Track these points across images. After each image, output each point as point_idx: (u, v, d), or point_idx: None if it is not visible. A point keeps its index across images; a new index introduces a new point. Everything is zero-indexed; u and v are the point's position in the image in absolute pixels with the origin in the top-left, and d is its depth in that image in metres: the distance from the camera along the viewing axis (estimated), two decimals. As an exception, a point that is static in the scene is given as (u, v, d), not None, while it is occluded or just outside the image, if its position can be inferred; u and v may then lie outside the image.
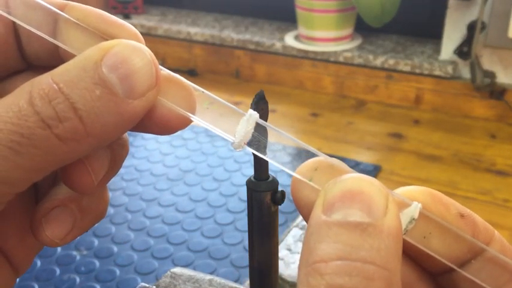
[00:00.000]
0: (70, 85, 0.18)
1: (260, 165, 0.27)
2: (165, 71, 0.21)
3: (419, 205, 0.18)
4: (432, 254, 0.18)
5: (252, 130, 0.20)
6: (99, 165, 0.21)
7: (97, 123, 0.18)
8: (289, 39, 1.82)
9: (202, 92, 0.21)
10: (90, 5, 0.21)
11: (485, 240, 0.19)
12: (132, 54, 0.19)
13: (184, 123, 0.21)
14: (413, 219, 0.18)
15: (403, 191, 0.19)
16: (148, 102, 0.19)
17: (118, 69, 0.18)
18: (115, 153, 0.22)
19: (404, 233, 0.18)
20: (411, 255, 0.20)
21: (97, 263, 1.09)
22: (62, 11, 0.20)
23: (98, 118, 0.18)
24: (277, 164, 0.21)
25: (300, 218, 0.57)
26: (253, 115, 0.20)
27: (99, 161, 0.21)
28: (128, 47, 0.19)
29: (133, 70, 0.19)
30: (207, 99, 0.21)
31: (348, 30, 1.76)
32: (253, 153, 0.22)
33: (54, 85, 0.18)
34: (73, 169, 0.21)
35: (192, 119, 0.21)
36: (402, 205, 0.18)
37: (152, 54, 0.20)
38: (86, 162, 0.21)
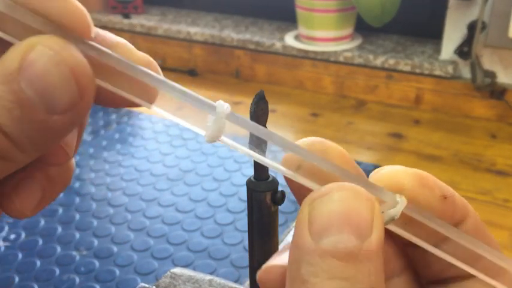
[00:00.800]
0: None
1: (260, 165, 0.27)
2: (115, 40, 0.19)
3: (403, 206, 0.18)
4: (413, 240, 0.19)
5: (225, 122, 0.18)
6: (71, 138, 0.20)
7: (25, 140, 0.17)
8: (289, 39, 1.82)
9: (164, 81, 0.18)
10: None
11: (461, 217, 0.19)
12: (49, 65, 0.16)
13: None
14: (394, 219, 0.18)
15: (391, 171, 0.19)
16: (77, 115, 0.17)
17: (34, 84, 0.16)
18: (82, 122, 0.21)
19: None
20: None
21: (97, 263, 1.09)
22: None
23: (25, 135, 0.17)
24: (265, 161, 0.20)
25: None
26: (220, 107, 0.18)
27: (71, 135, 0.20)
28: (45, 53, 0.16)
29: (51, 85, 0.16)
30: (172, 91, 0.18)
31: (348, 30, 1.76)
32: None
33: None
34: None
35: (153, 109, 0.19)
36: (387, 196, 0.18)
37: (78, 57, 0.17)
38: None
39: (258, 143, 0.19)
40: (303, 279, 0.16)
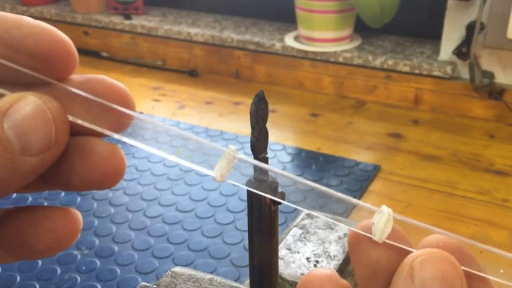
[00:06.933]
0: None
1: (260, 166, 0.27)
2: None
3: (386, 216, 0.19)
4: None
5: (232, 165, 0.20)
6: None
7: None
8: (289, 40, 1.82)
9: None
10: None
11: None
12: (35, 111, 0.19)
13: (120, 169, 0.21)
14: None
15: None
16: (46, 160, 0.19)
17: (18, 126, 0.18)
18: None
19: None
20: None
21: (98, 262, 1.09)
22: None
23: None
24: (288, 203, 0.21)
25: (300, 217, 0.58)
26: (231, 152, 0.20)
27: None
28: (33, 101, 0.19)
29: (31, 129, 0.18)
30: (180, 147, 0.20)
31: (347, 31, 1.76)
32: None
33: None
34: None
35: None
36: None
37: (60, 109, 0.19)
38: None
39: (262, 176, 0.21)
40: None
